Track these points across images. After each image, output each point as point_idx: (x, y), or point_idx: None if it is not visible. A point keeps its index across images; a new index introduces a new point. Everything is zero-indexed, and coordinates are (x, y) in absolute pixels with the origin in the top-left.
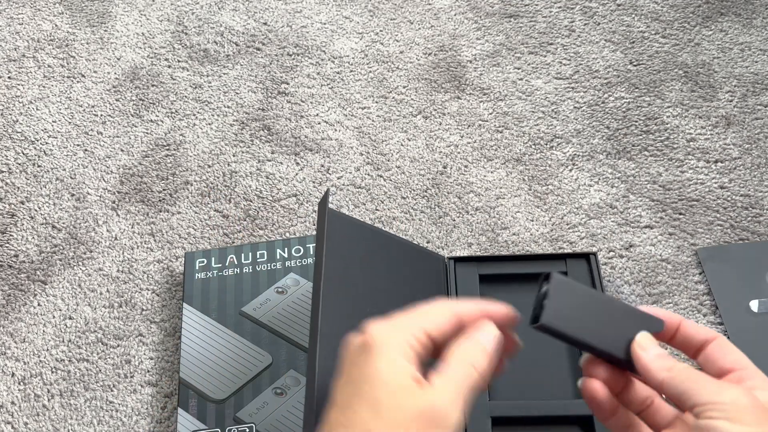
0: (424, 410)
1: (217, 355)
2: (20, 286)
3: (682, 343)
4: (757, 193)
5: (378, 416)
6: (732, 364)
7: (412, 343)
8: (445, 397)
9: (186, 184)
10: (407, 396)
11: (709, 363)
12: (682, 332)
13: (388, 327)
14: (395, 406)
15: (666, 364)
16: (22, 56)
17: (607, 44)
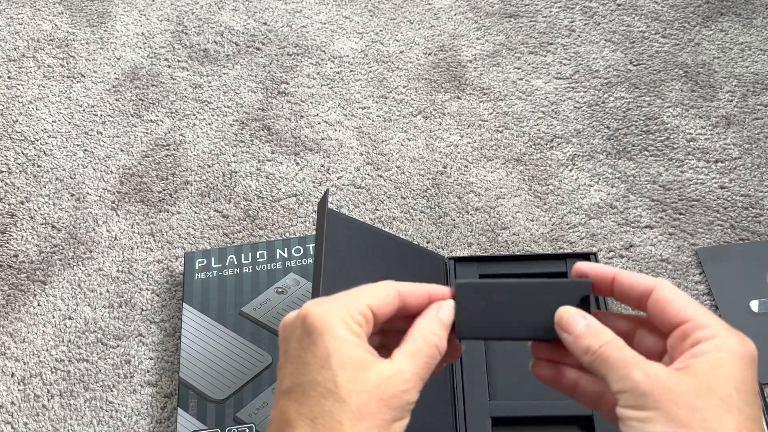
0: (381, 382)
1: (217, 356)
2: (20, 286)
3: (623, 297)
4: (758, 193)
5: (344, 404)
6: (675, 317)
7: (356, 318)
8: (403, 367)
9: (186, 184)
10: (366, 371)
11: (655, 319)
12: (617, 286)
13: (329, 305)
14: (357, 387)
15: (586, 344)
16: (22, 56)
17: (608, 44)
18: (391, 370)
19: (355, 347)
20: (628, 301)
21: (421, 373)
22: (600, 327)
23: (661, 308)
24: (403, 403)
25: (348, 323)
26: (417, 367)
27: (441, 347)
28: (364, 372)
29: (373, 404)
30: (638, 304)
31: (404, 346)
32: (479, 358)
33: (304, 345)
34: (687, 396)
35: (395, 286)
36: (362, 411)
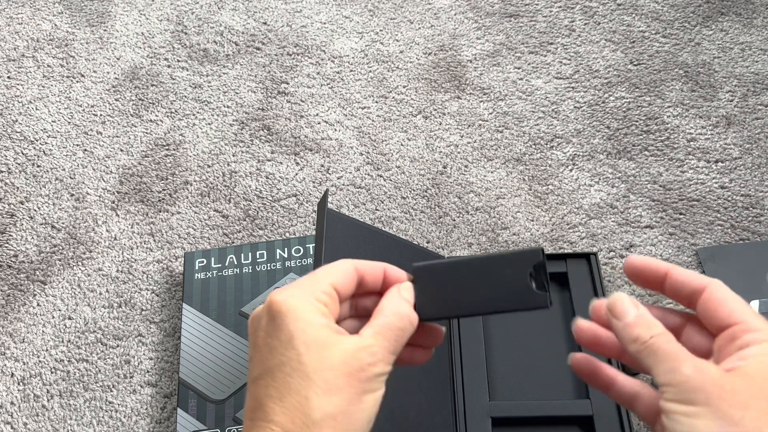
0: (347, 357)
1: (216, 356)
2: (20, 287)
3: (674, 293)
4: (758, 193)
5: (310, 381)
6: (725, 318)
7: (319, 298)
8: (368, 341)
9: (185, 184)
10: (330, 348)
11: (705, 318)
12: (670, 282)
13: (290, 290)
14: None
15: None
16: (22, 56)
17: (608, 44)
18: (357, 345)
19: (319, 327)
20: (678, 297)
21: (388, 346)
22: (651, 318)
23: (712, 308)
24: (370, 375)
25: (311, 304)
26: (384, 340)
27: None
28: (329, 349)
29: (340, 379)
30: (689, 301)
31: (370, 322)
32: (479, 359)
33: (269, 331)
34: (739, 395)
35: (351, 262)
36: (329, 386)
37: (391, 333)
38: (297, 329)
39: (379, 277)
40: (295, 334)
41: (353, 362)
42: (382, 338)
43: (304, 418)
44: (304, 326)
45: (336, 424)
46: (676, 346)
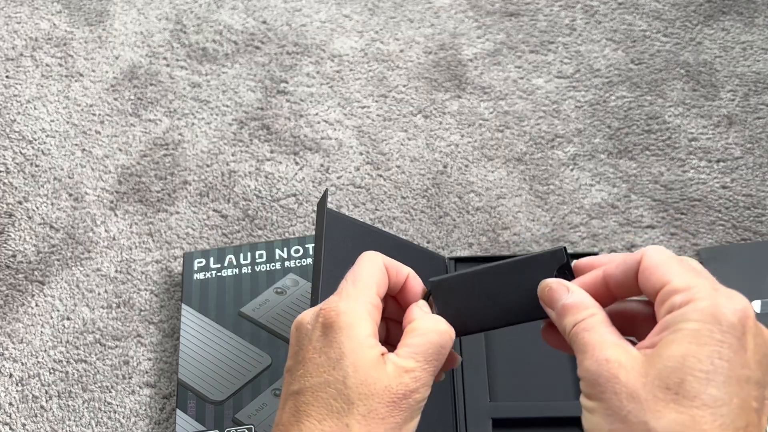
0: (390, 382)
1: (215, 356)
2: (18, 287)
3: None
4: (760, 193)
5: (353, 406)
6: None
7: (370, 310)
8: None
9: (184, 183)
10: (376, 371)
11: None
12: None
13: (345, 302)
14: (368, 389)
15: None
16: (20, 55)
17: (609, 43)
18: (399, 369)
19: (369, 348)
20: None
21: (430, 369)
22: (581, 301)
23: (647, 275)
24: (413, 403)
25: (365, 320)
26: (426, 363)
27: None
28: (375, 373)
29: (383, 408)
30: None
31: (407, 341)
32: (480, 359)
33: (319, 347)
34: (631, 385)
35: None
36: (372, 415)
37: (432, 352)
38: (349, 349)
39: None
40: (346, 354)
41: (397, 388)
42: (424, 360)
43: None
44: (356, 346)
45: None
46: (592, 335)
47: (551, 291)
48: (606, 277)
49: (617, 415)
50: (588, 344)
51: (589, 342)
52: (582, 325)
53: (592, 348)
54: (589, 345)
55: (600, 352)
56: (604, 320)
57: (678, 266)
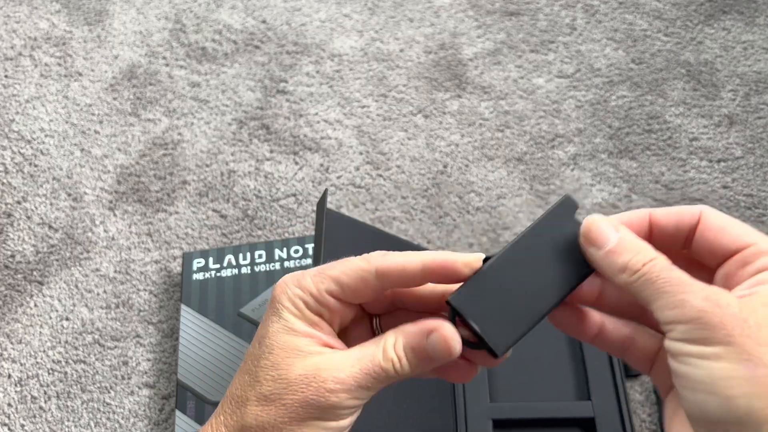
0: (308, 373)
1: (215, 357)
2: (17, 287)
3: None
4: (761, 193)
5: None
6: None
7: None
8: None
9: (184, 183)
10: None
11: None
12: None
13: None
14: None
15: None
16: (19, 55)
17: (609, 42)
18: (328, 365)
19: (297, 334)
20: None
21: (362, 382)
22: (639, 242)
23: (713, 236)
24: (326, 405)
25: (300, 309)
26: (360, 373)
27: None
28: (294, 360)
29: (290, 395)
30: (683, 242)
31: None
32: None
33: (264, 316)
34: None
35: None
36: (273, 397)
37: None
38: (273, 329)
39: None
40: (269, 333)
41: (312, 382)
42: (359, 369)
43: (238, 419)
44: (281, 329)
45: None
46: (678, 273)
47: (599, 228)
48: (653, 224)
49: (758, 360)
50: (681, 283)
51: (680, 280)
52: (659, 263)
53: (692, 287)
54: (684, 282)
55: (708, 290)
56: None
57: (755, 231)
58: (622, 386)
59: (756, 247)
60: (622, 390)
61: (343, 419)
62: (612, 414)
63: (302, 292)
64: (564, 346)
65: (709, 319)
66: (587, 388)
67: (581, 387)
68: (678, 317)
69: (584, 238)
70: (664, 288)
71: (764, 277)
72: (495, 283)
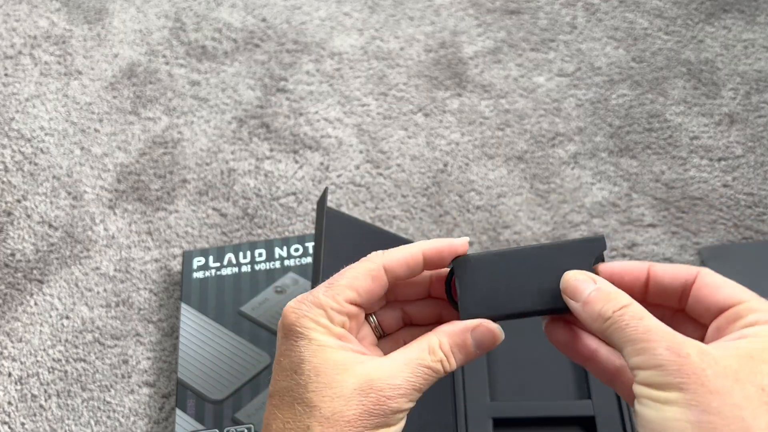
0: (362, 385)
1: (215, 355)
2: (17, 286)
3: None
4: (761, 192)
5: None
6: (725, 300)
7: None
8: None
9: (184, 182)
10: (345, 373)
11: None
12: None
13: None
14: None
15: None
16: (19, 53)
17: (610, 41)
18: (380, 373)
19: (334, 350)
20: (666, 296)
21: (416, 384)
22: (615, 291)
23: (708, 293)
24: (387, 410)
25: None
26: (413, 376)
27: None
28: (343, 375)
29: (351, 410)
30: (679, 298)
31: (406, 350)
32: (480, 359)
33: (282, 349)
34: (722, 379)
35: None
36: (336, 417)
37: (423, 371)
38: (308, 353)
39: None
40: (305, 358)
41: (371, 392)
42: (410, 373)
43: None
44: (316, 350)
45: None
46: (647, 321)
47: (576, 281)
48: (652, 277)
49: (706, 406)
50: (648, 330)
51: (648, 328)
52: (630, 311)
53: (658, 335)
54: (652, 331)
55: (672, 338)
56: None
57: (747, 290)
58: None
59: (748, 304)
60: None
61: (401, 422)
62: (612, 413)
63: (322, 309)
64: None
65: (669, 367)
66: (587, 386)
67: (581, 386)
68: (641, 363)
69: (563, 291)
70: (632, 335)
71: (748, 331)
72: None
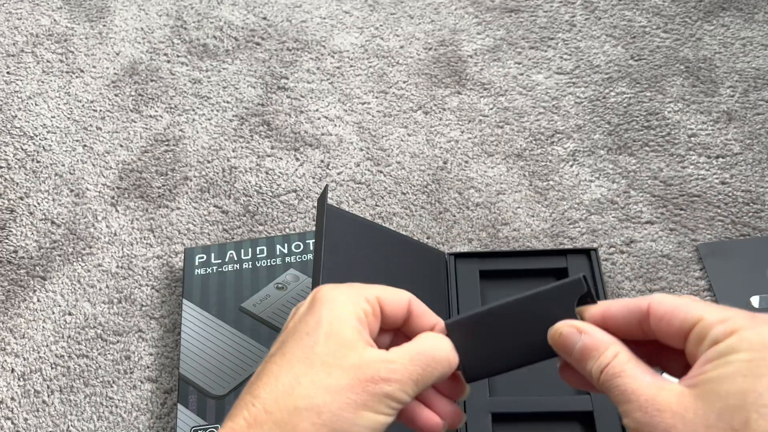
0: (362, 363)
1: (216, 351)
2: (20, 282)
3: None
4: (759, 189)
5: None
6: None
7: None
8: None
9: (185, 179)
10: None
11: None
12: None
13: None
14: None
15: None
16: (21, 51)
17: (608, 39)
18: (379, 356)
19: (349, 328)
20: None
21: (413, 372)
22: (598, 340)
23: (667, 321)
24: (379, 391)
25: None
26: (411, 364)
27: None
28: (348, 349)
29: (345, 379)
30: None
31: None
32: None
33: (302, 316)
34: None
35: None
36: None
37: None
38: (327, 320)
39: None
40: (322, 323)
41: (366, 370)
42: (409, 361)
43: (288, 401)
44: (335, 320)
45: (318, 421)
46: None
47: (562, 337)
48: (606, 317)
49: None
50: (627, 392)
51: (627, 389)
52: (610, 371)
53: (635, 396)
54: (630, 393)
55: (646, 401)
56: (631, 358)
57: (698, 303)
58: None
59: (703, 321)
60: None
61: (390, 415)
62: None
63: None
64: None
65: (651, 423)
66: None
67: None
68: (628, 425)
69: (554, 348)
70: (617, 397)
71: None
72: (485, 325)
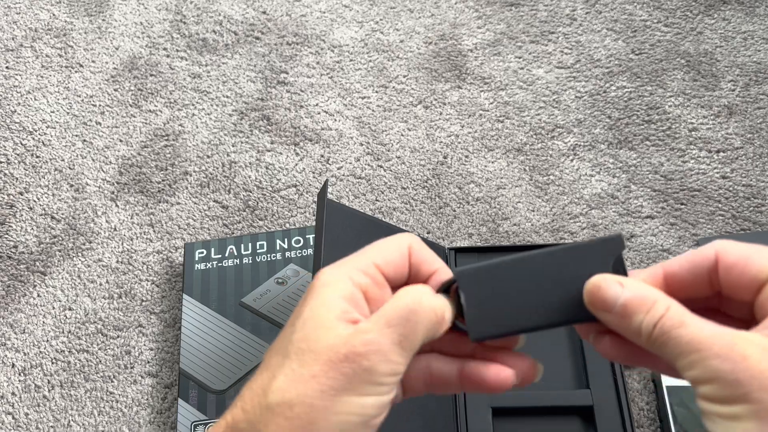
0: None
1: (217, 346)
2: (20, 277)
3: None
4: (759, 183)
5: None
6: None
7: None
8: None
9: (185, 174)
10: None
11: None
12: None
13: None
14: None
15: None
16: (20, 46)
17: (609, 33)
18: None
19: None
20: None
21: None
22: (647, 293)
23: (738, 272)
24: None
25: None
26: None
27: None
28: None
29: (318, 366)
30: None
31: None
32: None
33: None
34: None
35: (407, 241)
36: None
37: (396, 316)
38: (311, 307)
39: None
40: (304, 312)
41: (341, 348)
42: (385, 324)
43: (261, 399)
44: (319, 306)
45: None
46: (692, 328)
47: (601, 291)
48: (667, 277)
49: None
50: (694, 342)
51: (694, 339)
52: (668, 323)
53: (706, 345)
54: (698, 342)
55: (721, 348)
56: (685, 309)
57: None
58: (620, 375)
59: None
60: (620, 379)
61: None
62: (610, 402)
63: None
64: (563, 335)
65: (726, 378)
66: (586, 376)
67: (580, 376)
68: (697, 378)
69: (589, 303)
70: (679, 349)
71: None
72: (504, 277)
